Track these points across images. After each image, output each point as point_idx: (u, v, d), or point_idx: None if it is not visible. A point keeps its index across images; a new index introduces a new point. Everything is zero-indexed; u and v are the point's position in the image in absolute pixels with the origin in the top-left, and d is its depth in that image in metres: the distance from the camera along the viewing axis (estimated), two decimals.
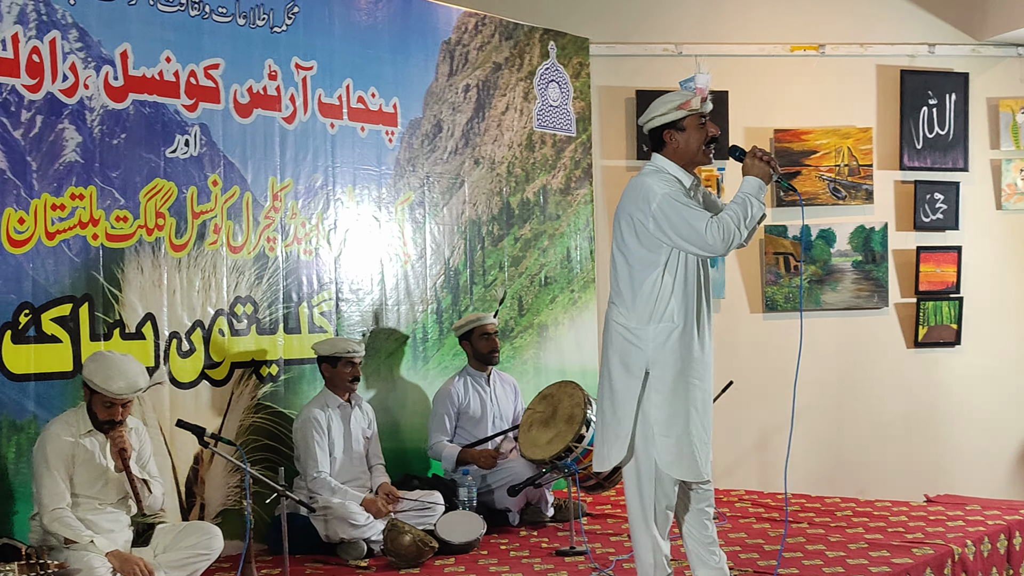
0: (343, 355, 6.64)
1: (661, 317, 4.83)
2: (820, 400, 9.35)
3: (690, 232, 4.74)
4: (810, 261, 9.32)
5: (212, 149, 6.57)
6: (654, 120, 4.94)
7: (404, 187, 7.62)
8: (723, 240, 4.71)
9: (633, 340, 4.87)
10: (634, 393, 4.86)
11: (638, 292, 4.86)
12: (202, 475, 6.46)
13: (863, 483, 9.06)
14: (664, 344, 4.83)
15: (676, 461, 4.86)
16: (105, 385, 5.37)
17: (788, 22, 9.47)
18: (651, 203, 4.79)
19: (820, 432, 9.34)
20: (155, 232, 6.29)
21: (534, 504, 7.23)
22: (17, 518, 5.65)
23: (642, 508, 4.94)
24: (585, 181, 8.91)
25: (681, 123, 4.90)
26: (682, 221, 4.75)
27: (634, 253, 4.88)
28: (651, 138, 5.01)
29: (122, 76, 6.17)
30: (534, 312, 8.48)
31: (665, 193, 4.80)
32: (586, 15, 9.16)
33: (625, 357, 4.91)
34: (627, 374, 4.90)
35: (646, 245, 4.84)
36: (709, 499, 5.14)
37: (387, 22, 7.55)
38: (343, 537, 6.33)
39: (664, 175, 4.92)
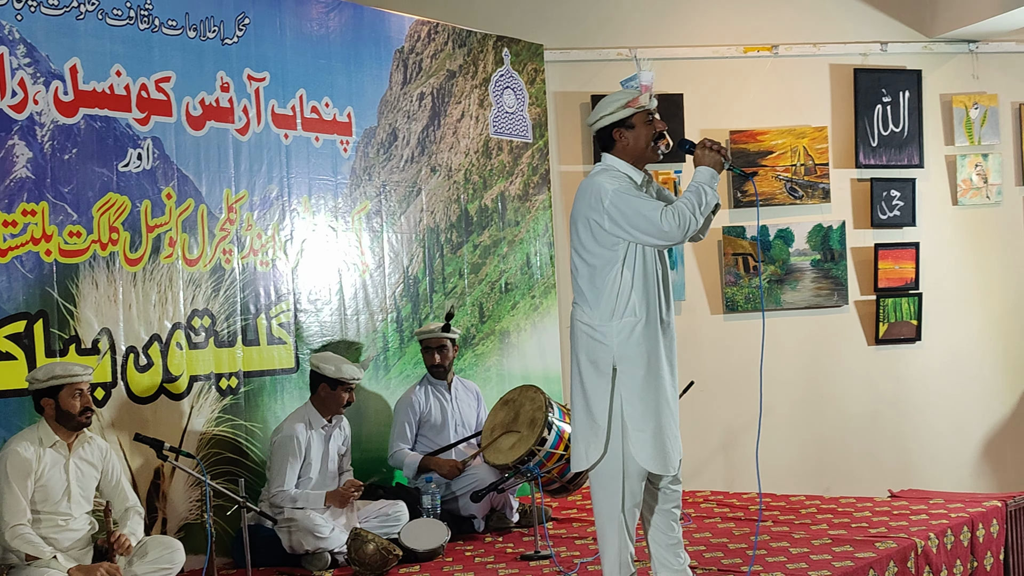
0: (349, 380, 6.60)
1: (623, 312, 4.88)
2: (784, 399, 9.39)
3: (645, 223, 4.79)
4: (769, 261, 9.36)
5: (165, 162, 6.53)
6: (602, 120, 5.01)
7: (360, 196, 7.61)
8: (679, 227, 4.77)
9: (598, 338, 4.92)
10: (605, 390, 4.91)
11: (599, 290, 4.91)
12: (164, 490, 6.42)
13: (828, 480, 9.10)
14: (628, 339, 4.87)
15: (651, 455, 4.90)
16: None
17: (741, 24, 9.52)
18: (603, 201, 4.85)
19: (784, 431, 9.37)
20: (109, 247, 6.25)
21: (499, 510, 7.22)
22: None
23: (609, 506, 4.95)
24: (543, 187, 8.92)
25: (629, 121, 4.98)
26: (636, 213, 4.81)
27: (592, 252, 4.92)
28: (600, 138, 5.08)
29: (72, 91, 6.13)
30: (495, 319, 8.48)
31: (615, 189, 4.86)
32: (540, 22, 9.18)
33: (592, 355, 4.95)
34: (596, 372, 4.94)
35: (603, 243, 4.89)
36: (677, 500, 5.16)
37: (339, 32, 7.54)
38: (307, 548, 6.29)
39: (614, 172, 4.97)
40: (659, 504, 5.13)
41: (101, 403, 6.16)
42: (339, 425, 6.79)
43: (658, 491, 5.11)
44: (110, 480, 5.72)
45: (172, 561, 5.67)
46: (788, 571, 5.63)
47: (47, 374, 5.51)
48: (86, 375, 5.57)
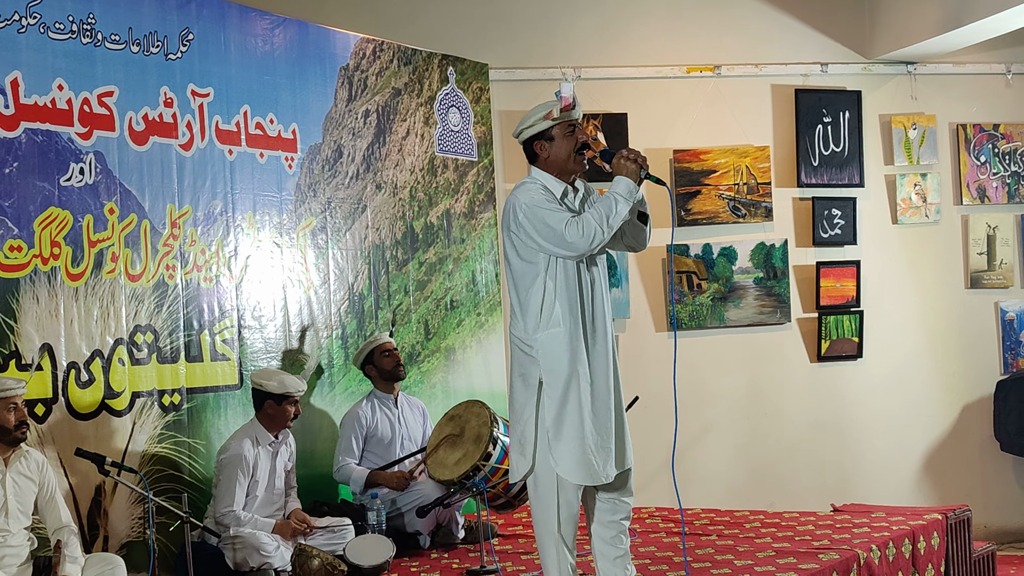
0: (293, 393, 6.57)
1: (548, 323, 4.91)
2: (728, 415, 9.47)
3: (550, 234, 4.84)
4: (712, 279, 9.43)
5: (108, 177, 6.49)
6: (524, 132, 5.09)
7: (305, 212, 7.60)
8: (582, 236, 4.80)
9: (527, 351, 4.97)
10: (532, 403, 4.94)
11: (526, 303, 4.97)
12: (105, 507, 6.34)
13: (772, 496, 9.17)
14: (553, 350, 4.91)
15: (573, 466, 4.89)
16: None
17: (684, 45, 9.63)
18: (518, 214, 4.94)
19: (729, 447, 9.45)
20: (51, 261, 6.19)
21: (444, 526, 7.21)
22: None
23: (545, 517, 4.96)
24: (489, 205, 8.94)
25: (549, 132, 5.04)
26: (543, 225, 4.85)
27: (516, 266, 5.00)
28: (526, 150, 5.14)
29: (13, 104, 6.08)
30: (441, 336, 8.48)
31: (527, 202, 4.92)
32: (485, 41, 9.22)
33: (522, 369, 5.00)
34: (524, 385, 4.99)
35: (523, 256, 4.96)
36: (626, 512, 5.17)
37: (283, 48, 7.54)
38: (252, 565, 6.24)
39: (533, 185, 5.02)
40: (607, 516, 5.14)
41: (41, 419, 6.09)
42: (285, 441, 6.76)
43: (605, 503, 5.12)
44: (45, 495, 5.64)
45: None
46: None
47: None
48: (19, 389, 5.51)
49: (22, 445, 5.58)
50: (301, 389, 6.65)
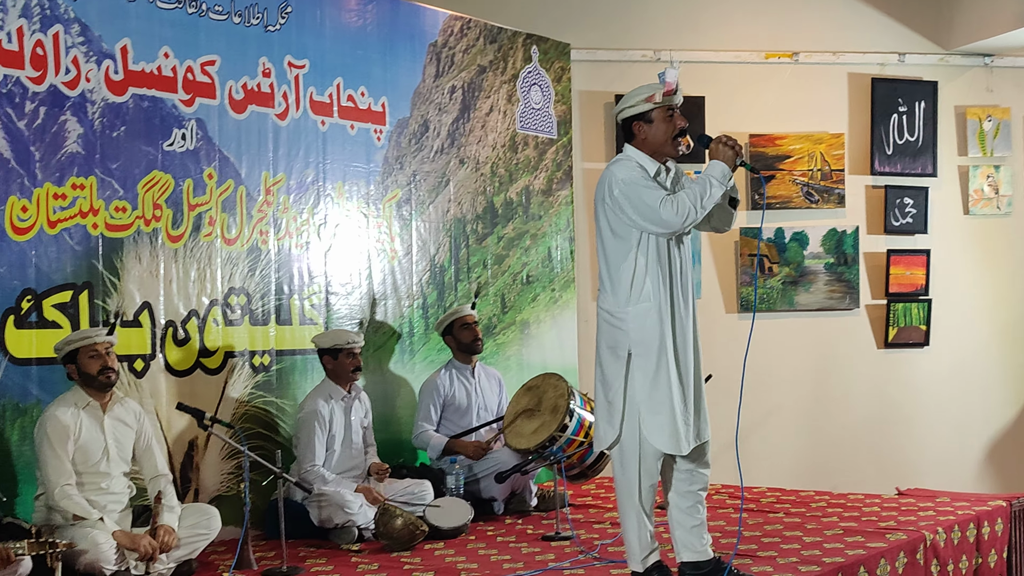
0: (344, 346, 6.81)
1: (639, 298, 5.02)
2: (794, 398, 9.59)
3: (646, 210, 4.94)
4: (784, 263, 9.55)
5: (208, 143, 6.73)
6: (624, 112, 5.17)
7: (392, 184, 7.80)
8: (676, 215, 4.91)
9: (616, 323, 5.07)
10: (621, 374, 5.06)
11: (616, 277, 5.07)
12: (197, 461, 6.60)
13: (835, 479, 9.26)
14: (643, 323, 5.02)
15: (660, 435, 5.04)
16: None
17: (763, 30, 9.72)
18: (614, 189, 5.02)
19: (794, 429, 9.57)
20: (153, 223, 6.44)
21: (519, 493, 7.40)
22: (20, 500, 5.78)
23: (627, 485, 5.11)
24: (566, 183, 9.11)
25: (649, 115, 5.09)
26: (639, 201, 4.96)
27: (608, 240, 5.09)
28: (623, 129, 5.24)
29: (122, 70, 6.33)
30: (517, 309, 8.67)
31: (623, 178, 5.01)
32: (568, 21, 9.37)
33: (611, 341, 5.11)
34: (614, 357, 5.10)
35: (616, 230, 5.05)
36: (703, 483, 5.32)
37: (375, 24, 7.74)
38: (336, 522, 6.47)
39: (628, 162, 5.12)
40: (684, 486, 5.28)
41: (140, 374, 6.36)
42: (358, 397, 7.00)
43: (684, 472, 5.27)
44: (142, 443, 5.89)
45: (209, 527, 5.86)
46: (803, 557, 5.80)
47: (65, 341, 5.73)
48: (100, 337, 5.74)
49: (117, 392, 5.83)
50: (353, 341, 6.87)
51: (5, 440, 5.76)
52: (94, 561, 5.27)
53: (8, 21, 5.86)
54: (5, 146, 5.82)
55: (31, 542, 5.00)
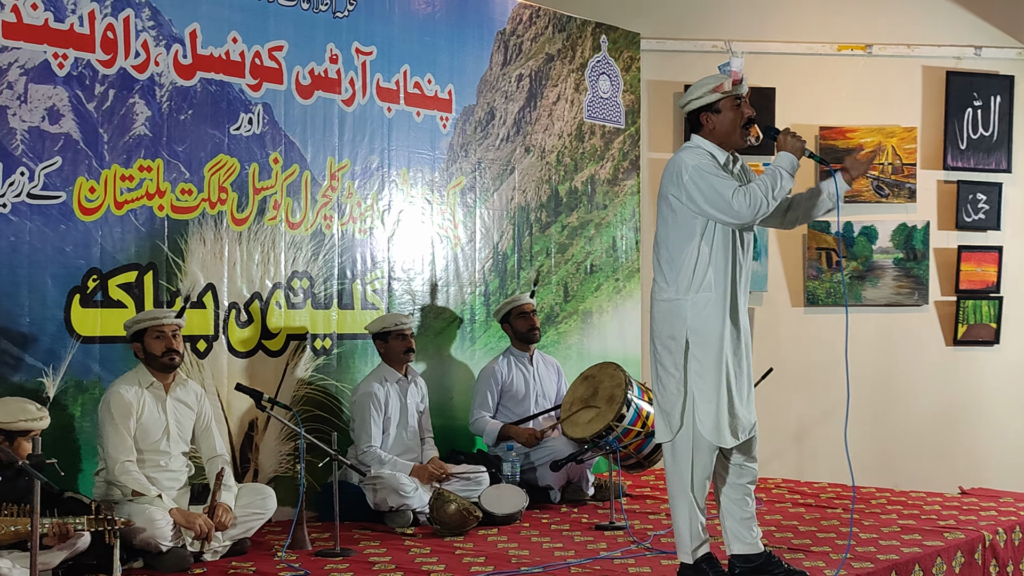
0: (392, 328, 6.87)
1: (700, 287, 4.98)
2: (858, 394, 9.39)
3: (718, 199, 4.90)
4: (852, 257, 9.46)
5: (274, 128, 6.81)
6: (692, 103, 5.12)
7: (456, 172, 7.84)
8: (749, 206, 4.87)
9: (674, 311, 5.02)
10: (679, 363, 5.02)
11: (677, 264, 5.02)
12: (257, 441, 6.70)
13: (898, 476, 9.17)
14: (702, 313, 4.98)
15: (714, 427, 5.00)
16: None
17: (836, 21, 9.63)
18: (683, 176, 4.96)
19: (857, 426, 9.44)
20: (218, 206, 6.54)
21: (575, 482, 7.42)
22: (82, 475, 5.91)
23: (680, 476, 5.08)
24: (632, 172, 9.10)
25: (716, 105, 5.06)
26: (710, 190, 4.91)
27: (672, 227, 5.04)
28: (689, 120, 5.22)
29: (191, 54, 6.42)
30: (579, 299, 8.68)
31: (695, 165, 4.96)
32: (638, 10, 9.35)
33: (670, 330, 5.05)
34: (671, 347, 5.05)
35: (682, 218, 5.00)
36: (752, 476, 5.27)
37: (444, 11, 7.78)
38: (391, 505, 6.54)
39: (697, 151, 5.09)
40: (734, 479, 5.26)
41: (202, 355, 6.46)
42: (415, 381, 7.07)
43: (733, 466, 5.25)
44: (202, 424, 6.00)
45: (264, 507, 5.95)
46: (857, 554, 5.75)
47: (134, 319, 5.85)
48: (167, 318, 5.84)
49: (180, 373, 5.93)
50: (401, 323, 6.92)
51: (68, 416, 5.89)
52: (150, 537, 5.38)
53: (80, 5, 5.97)
54: (74, 128, 5.94)
55: (90, 518, 5.11)
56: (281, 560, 5.66)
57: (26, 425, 5.15)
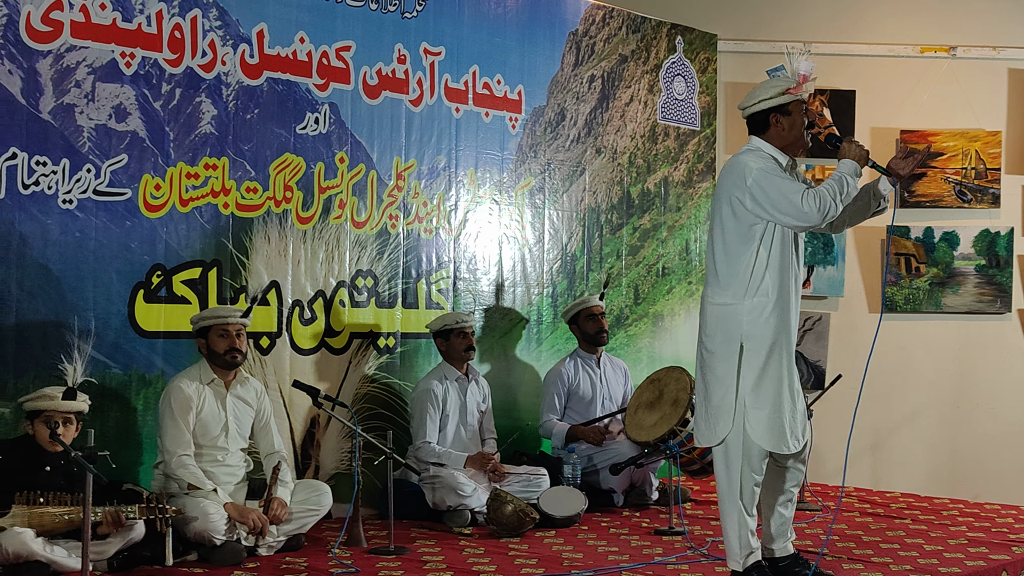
0: (453, 326, 6.89)
1: (756, 291, 4.94)
2: (936, 403, 9.32)
3: (786, 203, 4.85)
4: (932, 263, 9.26)
5: (340, 127, 6.86)
6: (760, 103, 5.06)
7: (525, 172, 7.83)
8: (819, 210, 4.82)
9: (729, 315, 4.98)
10: (731, 369, 4.97)
11: (734, 268, 4.97)
12: (318, 438, 6.74)
13: (977, 488, 8.97)
14: (759, 318, 4.94)
15: (768, 433, 4.94)
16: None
17: (919, 23, 9.44)
18: (747, 179, 4.91)
19: (934, 435, 9.30)
20: (283, 204, 6.60)
21: (638, 486, 7.36)
22: (143, 468, 6.00)
23: (729, 483, 5.02)
24: (708, 175, 9.01)
25: (787, 107, 5.03)
26: (778, 193, 4.87)
27: (731, 230, 4.98)
28: (752, 121, 5.13)
29: (258, 54, 6.49)
30: (650, 301, 8.61)
31: (760, 168, 4.93)
32: (714, 11, 9.26)
33: (723, 334, 5.00)
34: (726, 351, 4.99)
35: (743, 221, 4.95)
36: (798, 480, 5.22)
37: (515, 12, 7.77)
38: (449, 505, 6.54)
39: (759, 153, 5.03)
40: (782, 483, 5.18)
41: (265, 351, 6.52)
42: (475, 380, 7.08)
43: (783, 470, 5.17)
44: (261, 421, 6.07)
45: (319, 504, 5.98)
46: (918, 565, 5.64)
47: (199, 316, 5.93)
48: (233, 317, 5.91)
49: (241, 371, 5.99)
50: (461, 320, 6.94)
51: (130, 410, 5.99)
52: (204, 530, 5.44)
53: (148, 5, 6.07)
54: (141, 126, 6.03)
55: (142, 506, 5.21)
56: (334, 557, 5.69)
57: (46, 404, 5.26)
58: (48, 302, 5.71)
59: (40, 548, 4.97)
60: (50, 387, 5.38)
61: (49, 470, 5.26)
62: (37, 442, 5.29)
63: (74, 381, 5.35)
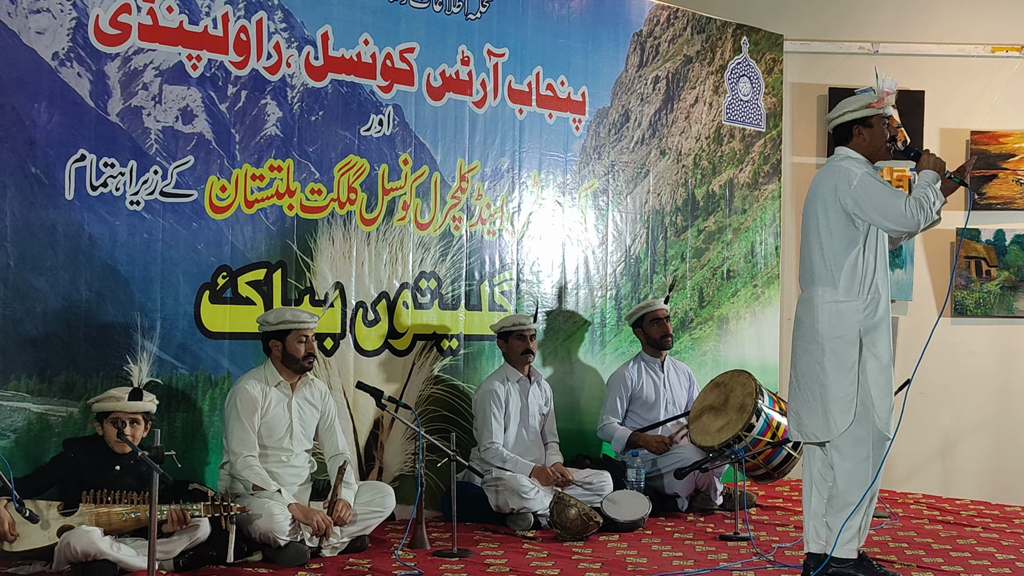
0: (512, 328, 6.87)
1: (868, 290, 5.16)
2: (1009, 408, 9.15)
3: (890, 208, 5.05)
4: (1003, 267, 9.11)
5: (404, 129, 6.86)
6: (845, 115, 5.32)
7: (588, 174, 7.79)
8: (923, 217, 5.04)
9: (845, 313, 5.16)
10: (850, 362, 5.14)
11: (842, 269, 5.18)
12: (382, 440, 6.75)
13: None
14: (873, 314, 5.15)
15: (889, 420, 5.17)
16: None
17: (990, 22, 9.29)
18: (851, 182, 5.13)
19: (1008, 441, 9.13)
20: (347, 206, 6.60)
21: (703, 491, 7.29)
22: (208, 468, 6.03)
23: (861, 472, 5.13)
24: (774, 177, 8.92)
25: (869, 120, 5.27)
26: (882, 197, 5.08)
27: (835, 233, 5.18)
28: (837, 132, 5.38)
29: (322, 56, 6.51)
30: (715, 304, 8.54)
31: (864, 172, 5.16)
32: (780, 11, 9.17)
33: (838, 330, 5.17)
34: (839, 345, 5.16)
35: (846, 224, 5.16)
36: None
37: (579, 13, 7.74)
38: (513, 507, 6.52)
39: (858, 159, 5.28)
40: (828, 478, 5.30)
41: (329, 353, 6.53)
42: (538, 382, 7.05)
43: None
44: (325, 423, 6.07)
45: (383, 505, 5.97)
46: (990, 575, 5.54)
47: (277, 318, 5.90)
48: (312, 322, 5.93)
49: (308, 374, 6.00)
50: (521, 323, 6.90)
51: (197, 410, 6.02)
52: (268, 531, 5.45)
53: (214, 8, 6.10)
54: (207, 128, 6.06)
55: (206, 504, 5.23)
56: (397, 559, 5.68)
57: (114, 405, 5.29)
58: (116, 303, 5.75)
59: (108, 547, 5.01)
60: (117, 388, 5.42)
61: (118, 469, 5.30)
62: (106, 442, 5.33)
63: (140, 381, 5.40)
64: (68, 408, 5.57)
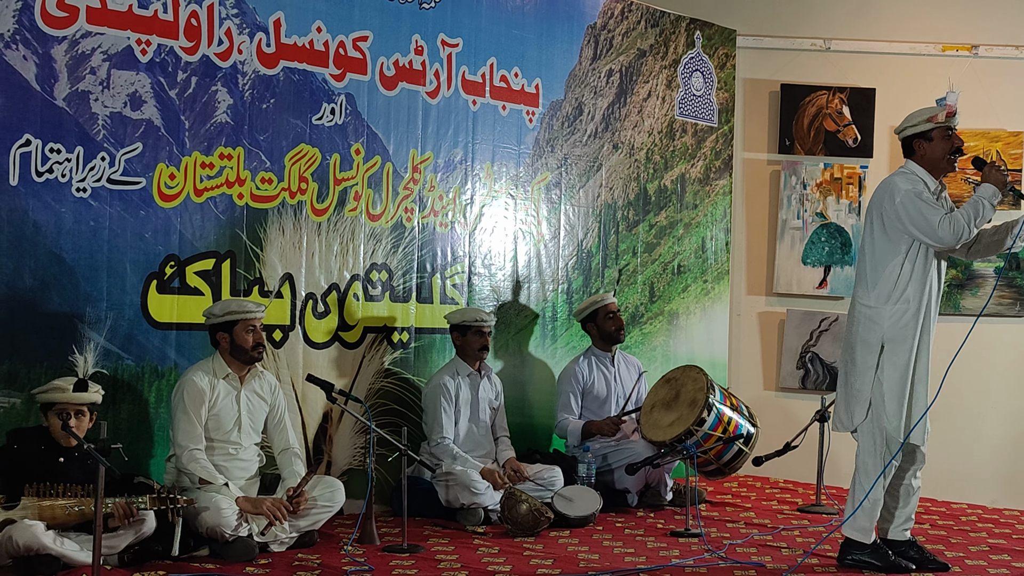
0: (472, 324, 6.80)
1: (899, 299, 5.43)
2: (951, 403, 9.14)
3: (924, 225, 5.35)
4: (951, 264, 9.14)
5: (357, 119, 6.77)
6: (907, 130, 5.63)
7: (542, 167, 7.74)
8: (952, 234, 5.32)
9: (873, 317, 5.48)
10: (871, 364, 5.47)
11: (879, 276, 5.48)
12: (331, 433, 6.66)
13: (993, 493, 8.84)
14: (898, 323, 5.43)
15: (900, 425, 5.44)
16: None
17: (940, 21, 9.33)
18: (895, 198, 5.44)
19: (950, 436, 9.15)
20: (298, 195, 6.51)
21: (653, 487, 7.27)
22: (154, 461, 5.92)
23: (875, 465, 5.47)
24: (725, 172, 8.91)
25: (929, 134, 5.55)
26: (918, 215, 5.37)
27: (879, 241, 5.50)
28: (903, 145, 5.67)
29: (274, 43, 6.40)
30: (665, 299, 8.52)
31: (908, 190, 5.44)
32: (733, 6, 9.16)
33: (866, 333, 5.50)
34: (866, 348, 5.49)
35: (890, 235, 5.46)
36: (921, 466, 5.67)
37: (534, 4, 7.68)
38: (463, 503, 6.45)
39: (911, 176, 5.55)
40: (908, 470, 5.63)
41: (278, 344, 6.43)
42: (488, 377, 7.00)
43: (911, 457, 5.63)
44: (275, 417, 5.98)
45: (333, 500, 5.89)
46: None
47: (223, 309, 5.80)
48: (259, 312, 5.83)
49: (257, 366, 5.90)
50: (481, 319, 6.84)
51: (143, 402, 5.91)
52: (215, 524, 5.36)
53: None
54: (156, 114, 5.95)
55: (152, 497, 5.14)
56: (347, 555, 5.61)
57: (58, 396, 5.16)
58: (61, 292, 5.62)
59: (51, 541, 4.89)
60: (61, 378, 5.30)
61: (63, 461, 5.18)
62: (51, 434, 5.21)
63: (85, 372, 5.29)
64: (11, 399, 5.43)
